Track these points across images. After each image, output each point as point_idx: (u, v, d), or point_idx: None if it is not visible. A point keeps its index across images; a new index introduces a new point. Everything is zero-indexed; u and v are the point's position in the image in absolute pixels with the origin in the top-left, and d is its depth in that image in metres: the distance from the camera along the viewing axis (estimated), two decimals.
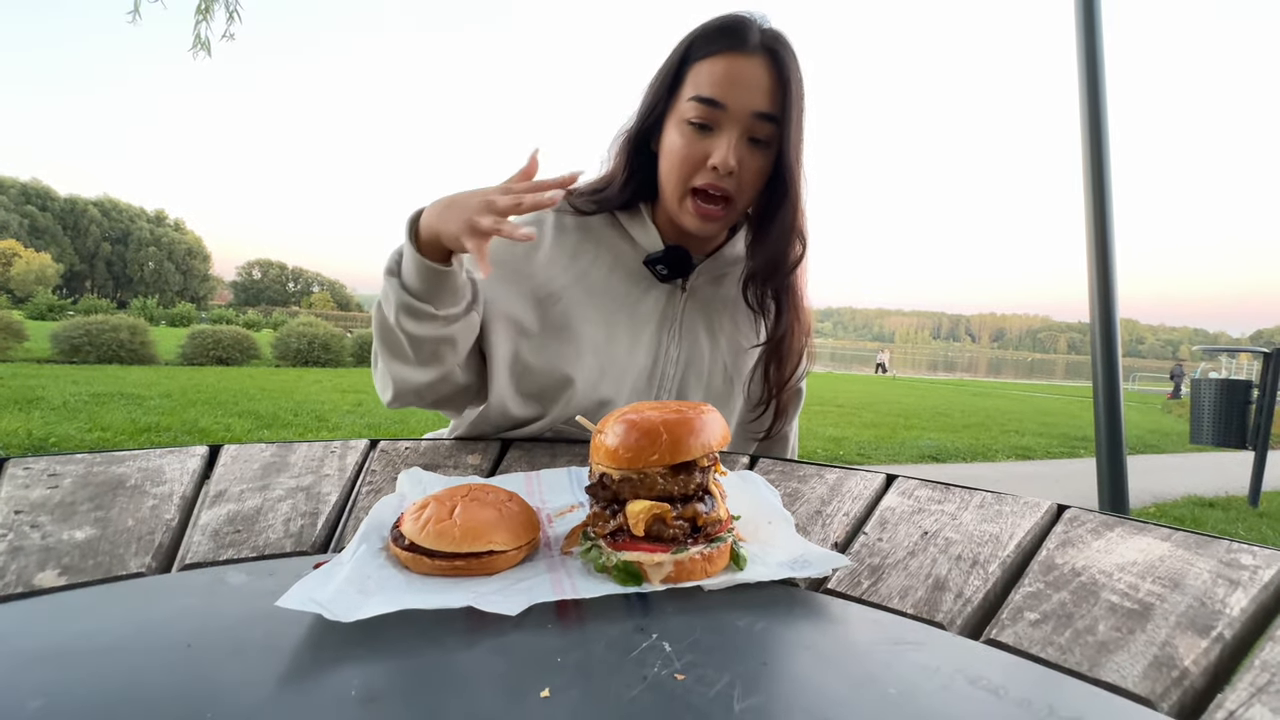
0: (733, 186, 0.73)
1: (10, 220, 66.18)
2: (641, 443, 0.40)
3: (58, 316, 21.15)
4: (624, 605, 0.36)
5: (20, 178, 72.15)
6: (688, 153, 0.73)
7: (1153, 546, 0.52)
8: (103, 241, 74.55)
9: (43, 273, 62.04)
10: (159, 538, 0.44)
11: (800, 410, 0.94)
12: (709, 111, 0.71)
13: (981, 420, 10.29)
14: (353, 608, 0.31)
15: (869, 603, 0.39)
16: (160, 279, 77.30)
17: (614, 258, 0.81)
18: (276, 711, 0.25)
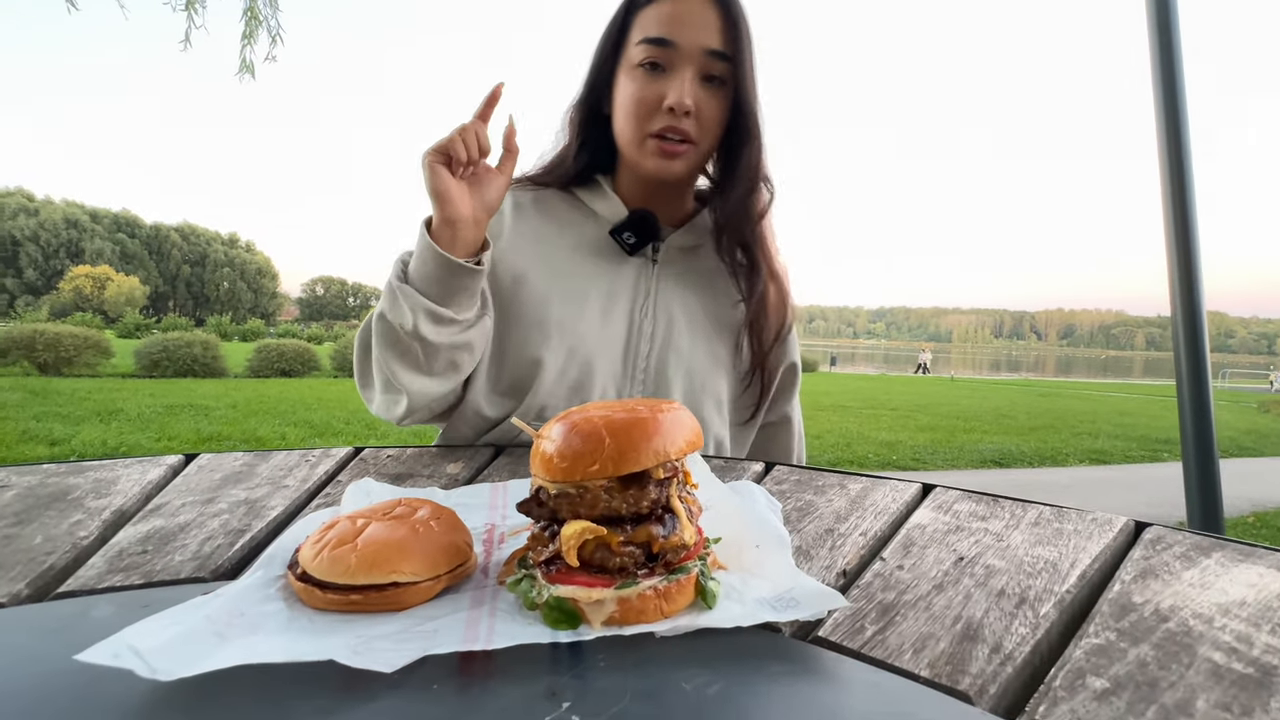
0: (693, 128, 0.70)
1: (104, 248, 72.21)
2: (581, 449, 0.32)
3: (143, 335, 22.82)
4: (547, 658, 0.28)
5: (112, 208, 78.66)
6: (641, 95, 0.70)
7: (1269, 579, 0.41)
8: (183, 264, 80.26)
9: (131, 295, 67.35)
10: (54, 559, 0.39)
11: (798, 389, 0.87)
12: (659, 51, 0.69)
13: (1050, 422, 9.66)
14: (186, 660, 0.25)
15: (870, 659, 0.30)
16: (234, 297, 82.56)
17: (577, 235, 0.77)
18: None
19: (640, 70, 0.70)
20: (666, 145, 0.70)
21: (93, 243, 72.04)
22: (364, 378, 0.72)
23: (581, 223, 0.78)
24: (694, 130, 0.70)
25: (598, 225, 0.78)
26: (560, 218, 0.78)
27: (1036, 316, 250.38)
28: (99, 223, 75.14)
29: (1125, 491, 4.83)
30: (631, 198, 0.78)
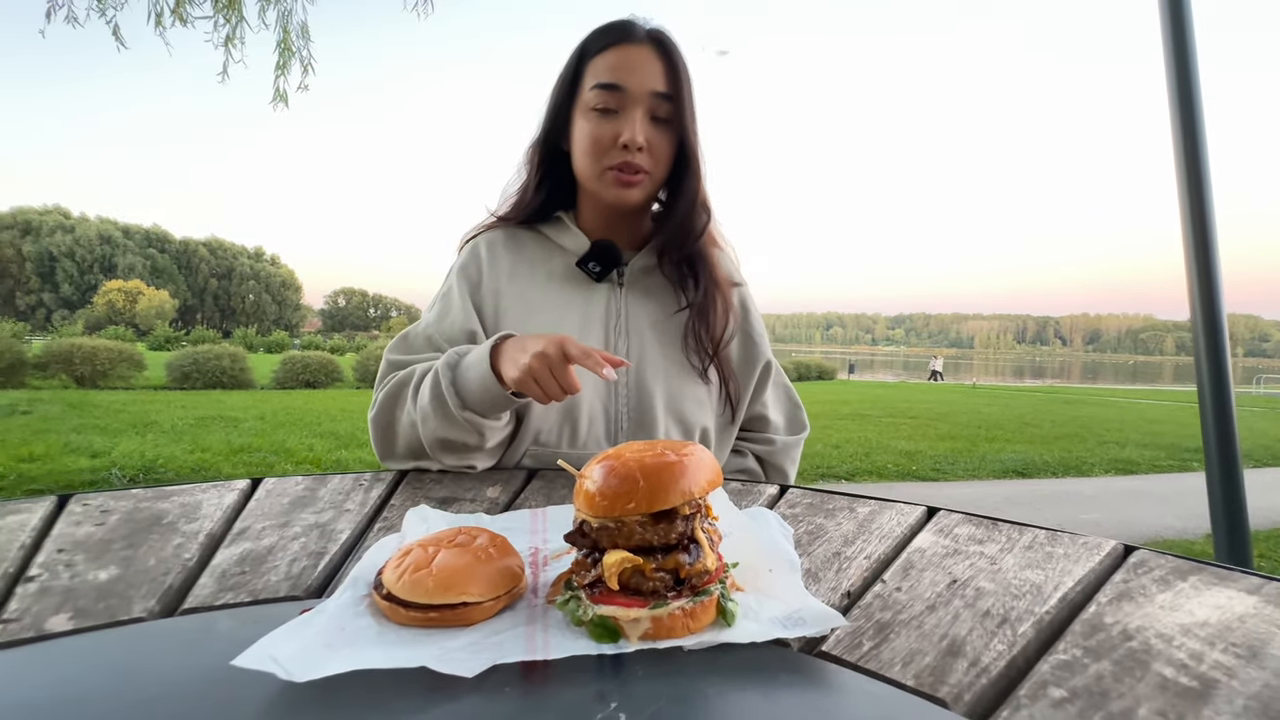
0: (646, 161, 0.78)
1: (136, 263, 74.45)
2: (618, 489, 0.39)
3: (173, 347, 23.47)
4: (594, 667, 0.34)
5: (144, 224, 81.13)
6: (598, 134, 0.78)
7: (1235, 602, 0.45)
8: (210, 278, 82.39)
9: (162, 308, 69.26)
10: (171, 579, 0.46)
11: (770, 388, 0.93)
12: (611, 96, 0.77)
13: (1075, 431, 9.48)
14: (311, 666, 0.31)
15: (865, 670, 0.35)
16: (259, 310, 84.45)
17: (547, 270, 0.85)
18: None
19: (595, 113, 0.78)
20: (623, 176, 0.79)
21: (125, 258, 74.30)
22: (390, 458, 0.79)
23: (549, 258, 0.86)
24: (647, 163, 0.79)
25: (565, 257, 0.86)
26: (530, 255, 0.86)
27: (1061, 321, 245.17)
28: (131, 238, 77.50)
29: (1153, 503, 4.74)
30: (594, 227, 0.87)
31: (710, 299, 0.83)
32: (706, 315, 0.83)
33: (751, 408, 0.90)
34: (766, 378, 0.91)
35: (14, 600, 0.41)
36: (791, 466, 0.92)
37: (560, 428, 0.81)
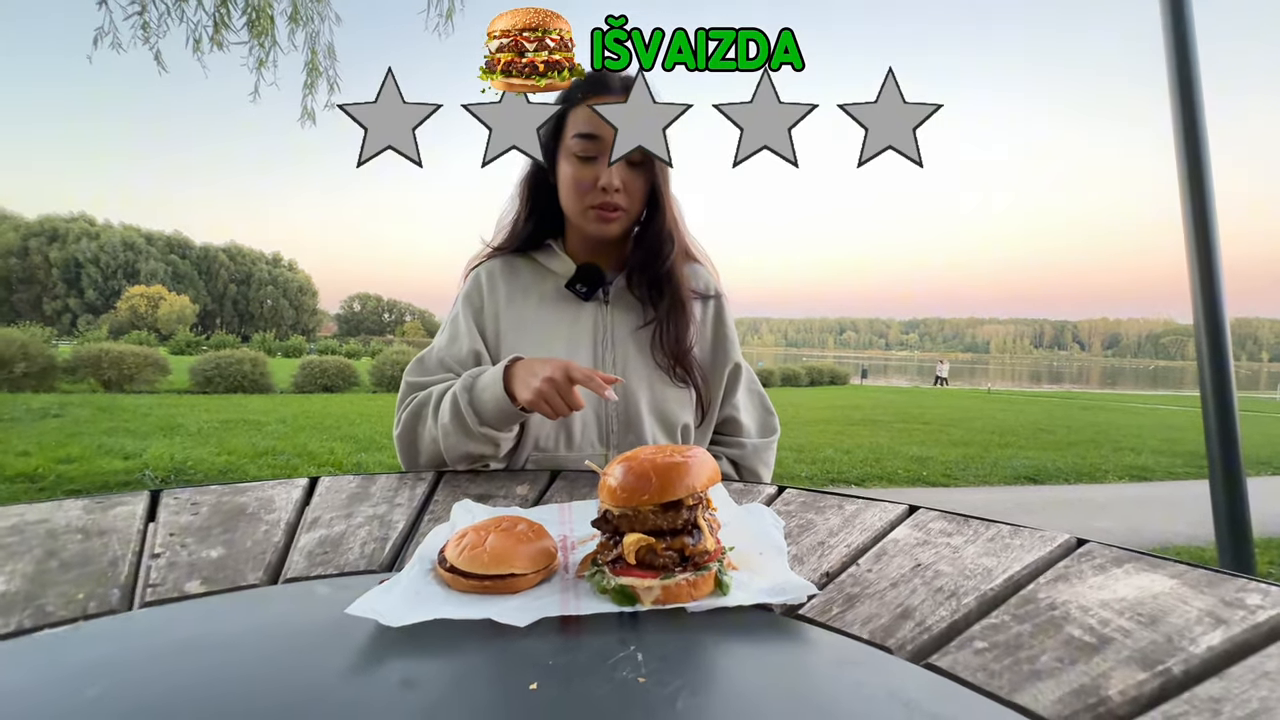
0: (623, 201, 0.89)
1: (158, 268, 76.03)
2: (635, 484, 0.48)
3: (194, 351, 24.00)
4: (616, 622, 0.44)
5: (165, 231, 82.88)
6: (579, 177, 0.89)
7: (1155, 583, 0.53)
8: (230, 283, 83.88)
9: (182, 313, 70.61)
10: (269, 556, 0.56)
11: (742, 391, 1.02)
12: (590, 144, 0.87)
13: (1091, 437, 9.41)
14: (402, 616, 0.41)
15: (831, 628, 0.44)
16: (276, 314, 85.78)
17: (539, 293, 0.96)
18: (344, 691, 0.35)
19: (576, 159, 0.89)
20: (603, 214, 0.89)
21: (147, 264, 75.85)
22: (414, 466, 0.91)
23: (541, 281, 0.97)
24: (624, 201, 0.89)
25: (555, 280, 0.97)
26: (525, 279, 0.97)
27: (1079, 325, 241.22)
28: (153, 245, 79.13)
29: (1165, 509, 4.74)
30: (579, 252, 0.98)
31: (673, 313, 0.93)
32: (673, 324, 0.93)
33: (724, 410, 0.99)
34: (736, 380, 1.00)
35: (153, 571, 0.52)
36: (765, 468, 1.01)
37: (557, 433, 0.91)
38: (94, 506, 0.67)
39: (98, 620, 0.43)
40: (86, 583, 0.49)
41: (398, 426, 0.90)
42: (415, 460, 0.90)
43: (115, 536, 0.59)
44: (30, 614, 0.44)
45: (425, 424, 0.87)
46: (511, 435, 0.86)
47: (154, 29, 2.53)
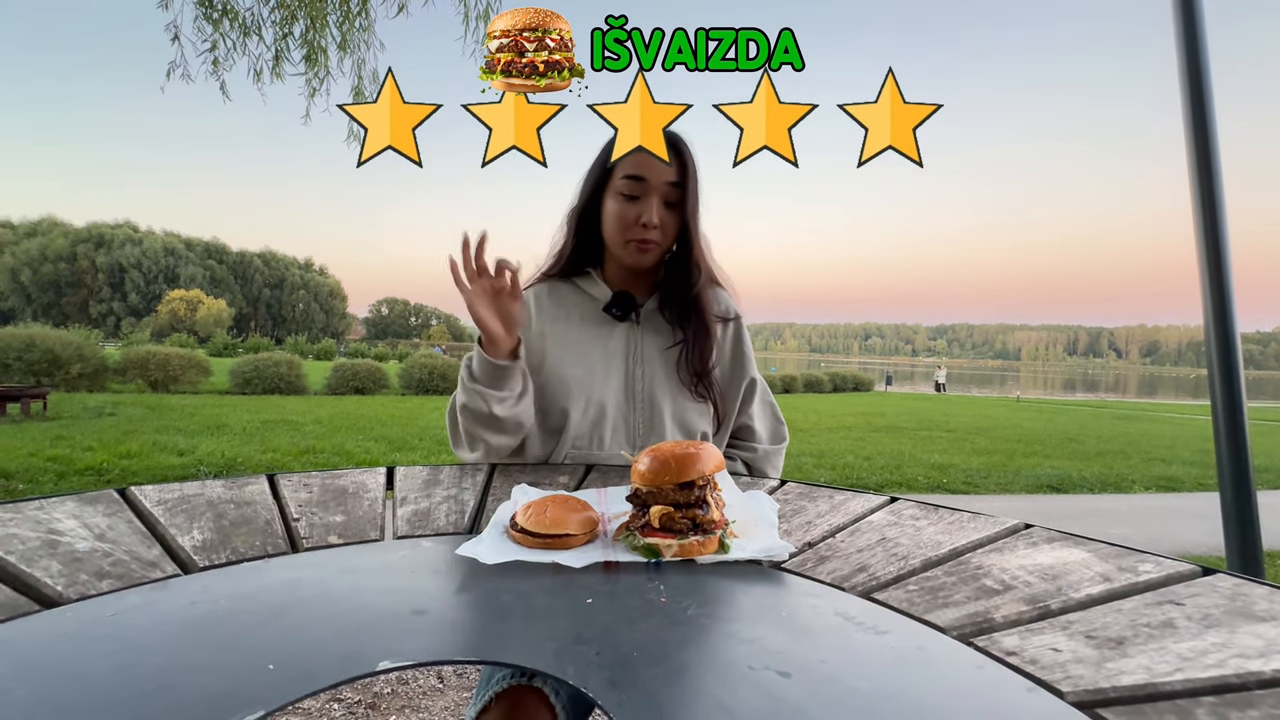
0: (658, 236, 1.04)
1: (196, 273, 78.84)
2: (658, 468, 0.64)
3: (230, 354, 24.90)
4: (645, 568, 0.60)
5: (204, 237, 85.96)
6: (623, 214, 1.04)
7: (1071, 554, 0.67)
8: (264, 288, 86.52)
9: (220, 317, 73.04)
10: (379, 521, 0.73)
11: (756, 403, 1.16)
12: (635, 185, 1.02)
13: (1121, 447, 9.26)
14: (493, 556, 0.58)
15: (805, 575, 0.59)
16: (308, 318, 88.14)
17: (581, 314, 1.12)
18: (457, 599, 0.51)
19: (623, 197, 1.04)
20: (640, 245, 1.04)
21: (187, 269, 78.67)
22: (455, 441, 1.07)
23: (582, 304, 1.14)
24: (659, 236, 1.04)
25: (594, 304, 1.13)
26: (567, 302, 1.14)
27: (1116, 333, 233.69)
28: (192, 250, 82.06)
29: (1188, 521, 4.71)
30: (616, 279, 1.13)
31: (699, 336, 1.09)
32: (696, 349, 1.09)
33: (739, 419, 1.15)
34: (752, 393, 1.15)
35: (300, 528, 0.69)
36: (773, 471, 1.16)
37: (591, 435, 1.08)
38: (230, 485, 0.86)
39: (278, 558, 0.60)
40: (258, 535, 0.67)
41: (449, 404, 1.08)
42: (455, 426, 1.05)
43: (259, 505, 0.77)
44: (229, 553, 0.61)
45: (457, 389, 1.05)
46: (504, 396, 0.99)
47: (223, 63, 2.81)
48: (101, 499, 0.77)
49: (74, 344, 10.67)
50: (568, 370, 1.07)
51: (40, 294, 71.28)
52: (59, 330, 11.34)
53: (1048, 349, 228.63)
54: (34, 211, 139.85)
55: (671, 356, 1.10)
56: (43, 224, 74.00)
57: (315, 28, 2.96)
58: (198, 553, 0.61)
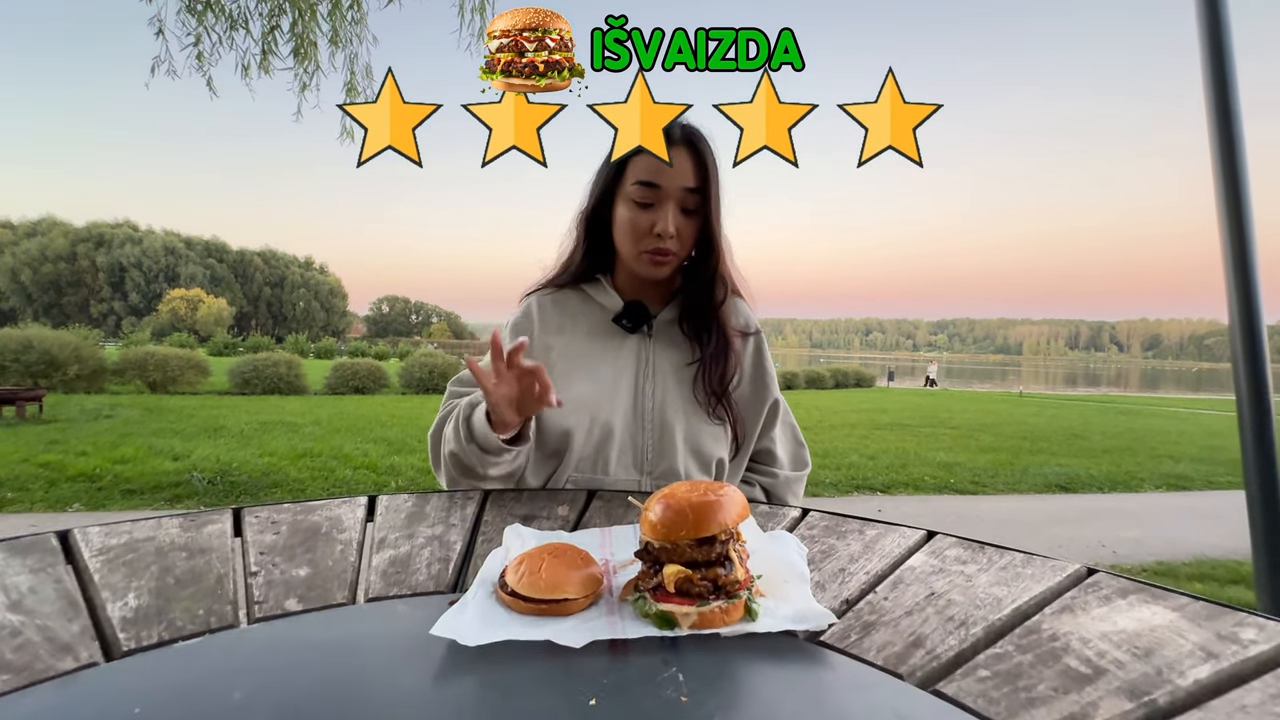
0: (675, 246, 0.94)
1: (196, 272, 78.80)
2: (673, 520, 0.54)
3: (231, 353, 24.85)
4: (658, 644, 0.50)
5: (204, 236, 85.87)
6: (636, 223, 0.93)
7: (1155, 616, 0.57)
8: (264, 286, 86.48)
9: (220, 315, 73.05)
10: (349, 576, 0.64)
11: (778, 426, 1.06)
12: (649, 192, 0.92)
13: (1127, 444, 9.17)
14: (477, 636, 0.48)
15: (849, 654, 0.50)
16: (308, 316, 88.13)
17: (589, 324, 1.01)
18: (429, 697, 0.42)
19: (635, 205, 0.93)
20: (655, 257, 0.94)
21: (187, 268, 78.66)
22: (437, 470, 0.97)
23: (591, 313, 1.02)
24: (675, 246, 0.94)
25: (603, 314, 1.02)
26: (574, 311, 1.03)
27: (1117, 326, 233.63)
28: (192, 249, 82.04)
29: (1200, 521, 4.62)
30: (629, 289, 1.03)
31: (720, 353, 0.98)
32: (717, 364, 0.98)
33: (760, 442, 1.04)
34: (774, 416, 1.05)
35: (255, 589, 0.60)
36: (794, 499, 1.06)
37: (595, 459, 0.97)
38: (189, 524, 0.76)
39: (221, 634, 0.51)
40: (203, 598, 0.57)
41: (433, 427, 0.98)
42: (438, 460, 0.96)
43: (214, 554, 0.67)
44: (165, 627, 0.52)
45: (447, 428, 0.94)
46: (502, 460, 0.90)
47: (208, 58, 2.70)
48: (37, 547, 0.67)
49: (71, 345, 10.58)
50: (572, 388, 0.97)
51: (41, 294, 71.26)
52: (57, 331, 11.26)
53: (1049, 343, 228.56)
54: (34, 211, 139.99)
55: (687, 374, 1.00)
56: (42, 224, 73.92)
57: (303, 20, 2.85)
58: (127, 628, 0.51)
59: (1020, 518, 4.58)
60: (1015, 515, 4.66)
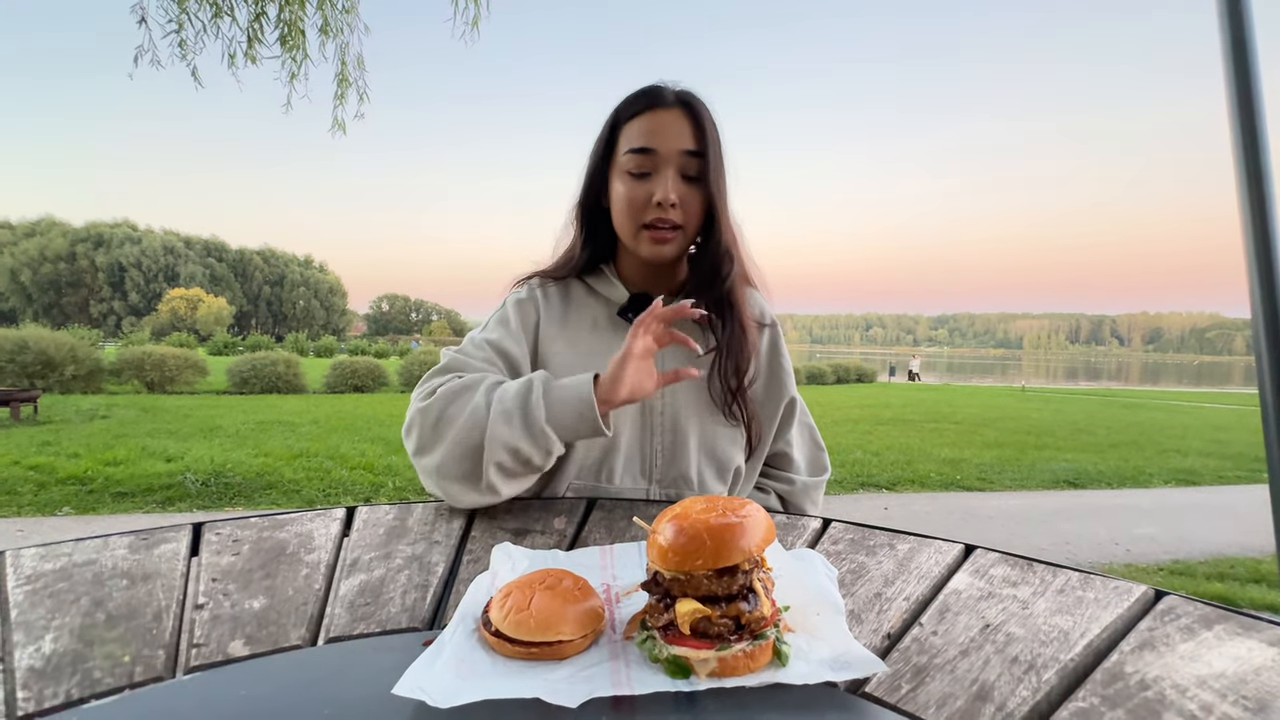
0: (679, 217, 0.84)
1: (196, 271, 78.66)
2: (688, 547, 0.45)
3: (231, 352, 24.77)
4: (672, 701, 0.41)
5: (203, 235, 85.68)
6: (633, 196, 0.84)
7: (1255, 654, 0.49)
8: (264, 285, 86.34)
9: (220, 314, 72.96)
10: (311, 608, 0.55)
11: (795, 427, 0.97)
12: (644, 159, 0.84)
13: (1133, 438, 9.09)
14: (448, 695, 0.39)
15: (903, 711, 0.41)
16: (308, 315, 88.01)
17: (592, 317, 0.93)
18: None
19: (630, 176, 0.85)
20: (657, 234, 0.85)
21: (186, 267, 78.54)
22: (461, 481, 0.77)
23: (595, 305, 0.94)
24: (679, 217, 0.84)
25: (607, 307, 0.93)
26: (578, 303, 0.94)
27: (1118, 320, 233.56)
28: (192, 248, 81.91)
29: (1215, 518, 4.53)
30: (633, 277, 0.94)
31: (736, 340, 0.89)
32: (733, 355, 0.88)
33: (775, 444, 0.96)
34: (791, 415, 0.96)
35: (197, 627, 0.51)
36: (812, 508, 0.97)
37: (599, 465, 0.88)
38: (139, 544, 0.68)
39: (144, 690, 0.42)
40: (133, 641, 0.48)
41: (425, 399, 0.79)
42: (436, 440, 0.77)
43: (160, 582, 0.59)
44: (79, 681, 0.43)
45: (470, 402, 0.76)
46: (555, 455, 0.78)
47: (190, 46, 2.61)
48: None
49: (68, 345, 10.50)
50: None
51: (40, 294, 71.16)
52: (53, 331, 11.16)
53: (1050, 337, 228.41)
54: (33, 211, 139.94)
55: (702, 373, 0.90)
56: (41, 224, 73.75)
57: (291, 7, 2.75)
58: (32, 682, 0.43)
59: (1029, 515, 4.50)
60: (1024, 512, 4.58)
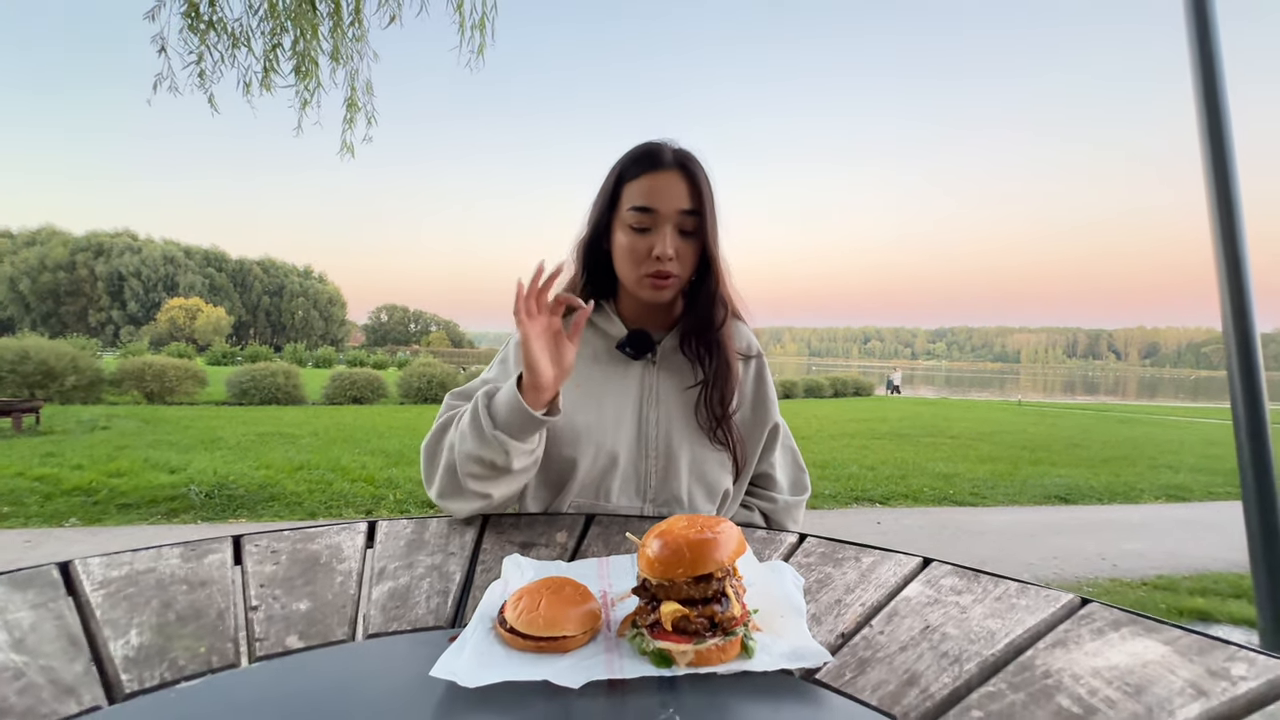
0: (676, 268, 0.94)
1: (195, 281, 78.83)
2: (671, 559, 0.55)
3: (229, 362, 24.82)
4: (655, 684, 0.50)
5: (203, 245, 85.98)
6: (634, 248, 0.94)
7: (1147, 650, 0.58)
8: (263, 295, 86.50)
9: (219, 324, 72.97)
10: (349, 610, 0.64)
11: (779, 449, 1.06)
12: (645, 216, 0.93)
13: (1126, 453, 9.17)
14: (475, 677, 0.48)
15: (844, 693, 0.50)
16: (307, 325, 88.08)
17: (592, 351, 1.02)
18: None
19: (632, 231, 0.94)
20: (656, 281, 0.95)
21: (186, 277, 78.68)
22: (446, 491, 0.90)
23: (594, 340, 1.04)
24: (676, 268, 0.94)
25: (606, 341, 1.03)
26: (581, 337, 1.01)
27: (1115, 334, 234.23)
28: (191, 258, 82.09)
29: (1204, 533, 4.61)
30: (632, 315, 1.04)
31: (722, 374, 0.99)
32: (718, 387, 0.99)
33: (760, 466, 1.05)
34: (775, 439, 1.06)
35: (256, 625, 0.60)
36: (793, 524, 1.06)
37: (598, 487, 0.98)
38: (189, 554, 0.77)
39: (222, 674, 0.51)
40: (205, 635, 0.57)
41: (427, 437, 0.93)
42: (434, 472, 0.91)
43: (215, 587, 0.68)
44: (167, 667, 0.52)
45: (449, 433, 0.90)
46: (526, 449, 0.87)
47: (209, 76, 2.73)
48: (37, 580, 0.68)
49: (69, 355, 10.56)
50: (577, 415, 0.97)
51: (39, 303, 71.20)
52: (54, 341, 11.22)
53: (1047, 351, 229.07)
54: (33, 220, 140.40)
55: (689, 399, 1.00)
56: (41, 233, 74.01)
57: (305, 38, 2.88)
58: (129, 668, 0.52)
59: (1019, 530, 4.58)
60: (1014, 528, 4.65)
